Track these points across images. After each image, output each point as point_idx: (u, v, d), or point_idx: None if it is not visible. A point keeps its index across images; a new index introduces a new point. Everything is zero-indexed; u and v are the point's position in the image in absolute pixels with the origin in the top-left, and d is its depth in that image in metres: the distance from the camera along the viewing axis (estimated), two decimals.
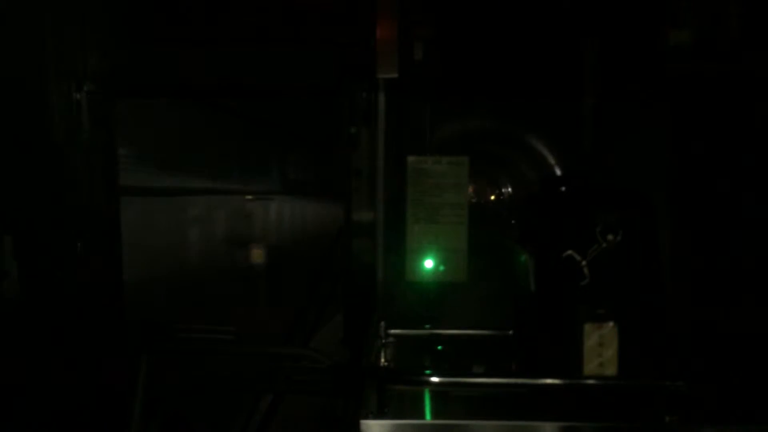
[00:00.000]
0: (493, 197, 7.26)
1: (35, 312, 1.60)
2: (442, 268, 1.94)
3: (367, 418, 1.22)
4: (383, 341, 1.49)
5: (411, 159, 1.94)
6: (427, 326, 1.82)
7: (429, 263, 1.95)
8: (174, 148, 3.23)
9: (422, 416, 1.28)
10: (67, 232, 1.72)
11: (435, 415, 1.29)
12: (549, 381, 1.32)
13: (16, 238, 1.53)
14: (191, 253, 3.63)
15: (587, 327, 1.33)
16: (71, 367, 1.69)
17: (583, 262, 1.32)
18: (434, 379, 1.35)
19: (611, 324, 1.33)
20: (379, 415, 1.23)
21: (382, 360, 1.44)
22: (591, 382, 1.33)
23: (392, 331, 1.62)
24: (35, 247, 1.61)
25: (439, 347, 1.74)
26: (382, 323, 1.52)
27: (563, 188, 1.57)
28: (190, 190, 3.57)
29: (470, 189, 1.89)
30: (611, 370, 1.33)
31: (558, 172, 1.86)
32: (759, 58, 1.48)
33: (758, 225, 1.53)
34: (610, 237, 1.32)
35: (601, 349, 1.33)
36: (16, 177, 1.60)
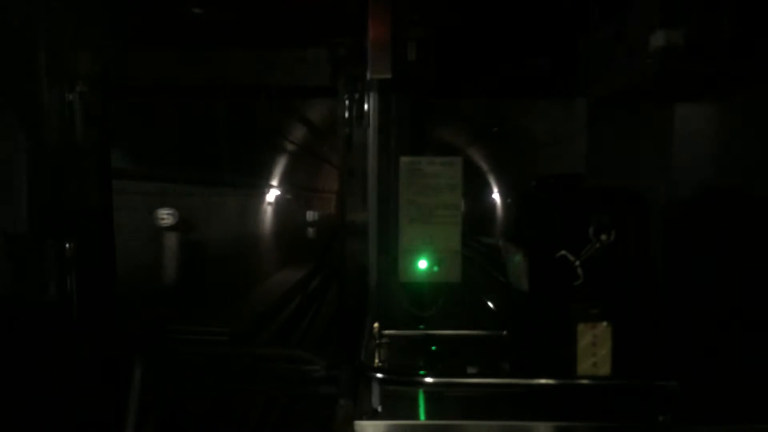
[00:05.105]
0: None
1: (27, 314, 1.59)
2: (436, 268, 1.94)
3: (361, 418, 1.22)
4: (377, 342, 1.49)
5: (404, 159, 1.94)
6: (422, 327, 1.82)
7: (423, 264, 1.94)
8: (166, 144, 3.22)
9: (416, 417, 1.28)
10: (60, 233, 1.71)
11: (429, 415, 1.29)
12: (543, 381, 1.32)
13: (7, 239, 1.52)
14: (180, 249, 3.62)
15: (581, 327, 1.33)
16: (65, 369, 1.69)
17: (577, 262, 1.33)
18: (428, 379, 1.35)
19: (605, 324, 1.33)
20: (374, 415, 1.23)
21: (377, 360, 1.44)
22: (584, 381, 1.33)
23: (386, 332, 1.62)
24: (27, 248, 1.60)
25: (433, 348, 1.74)
26: (376, 324, 1.52)
27: (557, 187, 1.57)
28: (180, 183, 3.56)
29: None
30: (605, 369, 1.33)
31: (552, 171, 1.86)
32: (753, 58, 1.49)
33: (754, 223, 1.54)
34: (603, 237, 1.32)
35: (594, 348, 1.33)
36: (7, 177, 1.59)
